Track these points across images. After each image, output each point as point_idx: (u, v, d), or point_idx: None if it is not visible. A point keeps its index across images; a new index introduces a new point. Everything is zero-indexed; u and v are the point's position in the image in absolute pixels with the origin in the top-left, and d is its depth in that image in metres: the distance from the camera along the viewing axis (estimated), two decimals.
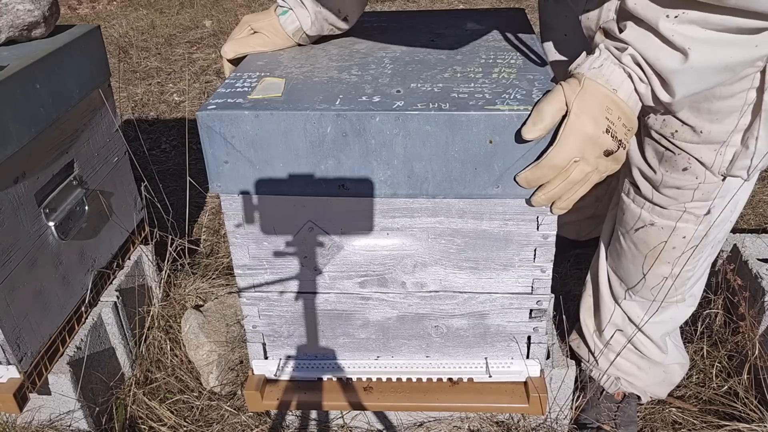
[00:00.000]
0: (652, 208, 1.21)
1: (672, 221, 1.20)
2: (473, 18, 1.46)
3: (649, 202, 1.21)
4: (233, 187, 1.08)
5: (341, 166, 1.04)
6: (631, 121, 0.94)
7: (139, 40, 4.35)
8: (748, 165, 1.08)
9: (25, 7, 1.36)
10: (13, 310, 1.25)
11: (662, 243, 1.23)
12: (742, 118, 1.05)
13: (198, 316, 1.62)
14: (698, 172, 1.12)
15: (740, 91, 1.02)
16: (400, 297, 1.21)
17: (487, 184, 1.04)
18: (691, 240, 1.21)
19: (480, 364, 1.28)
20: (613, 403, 1.45)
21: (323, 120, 0.99)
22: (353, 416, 1.40)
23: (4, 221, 1.22)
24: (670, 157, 1.14)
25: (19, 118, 1.24)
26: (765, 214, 2.21)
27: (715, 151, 1.09)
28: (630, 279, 1.33)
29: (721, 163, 1.10)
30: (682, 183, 1.15)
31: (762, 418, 1.36)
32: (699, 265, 1.26)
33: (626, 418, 1.43)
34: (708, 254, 1.26)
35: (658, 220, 1.21)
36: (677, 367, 1.42)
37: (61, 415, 1.40)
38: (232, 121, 1.01)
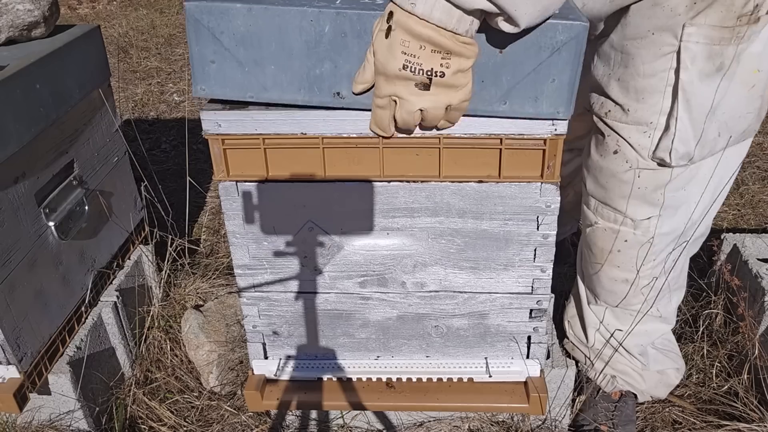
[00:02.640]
0: (596, 208, 1.24)
1: (612, 223, 1.23)
2: None
3: (594, 199, 1.24)
4: (219, 91, 1.00)
5: (338, 70, 0.95)
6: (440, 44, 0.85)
7: (139, 40, 4.35)
8: (669, 147, 1.09)
9: (25, 7, 1.36)
10: (13, 310, 1.25)
11: (608, 245, 1.25)
12: (664, 99, 1.07)
13: (198, 316, 1.62)
14: (628, 156, 1.14)
15: (661, 70, 1.05)
16: (400, 297, 1.21)
17: (494, 99, 0.97)
18: (633, 245, 1.22)
19: (480, 364, 1.28)
20: (611, 403, 1.44)
21: (321, 18, 0.91)
22: (353, 416, 1.40)
23: (4, 221, 1.22)
24: (602, 141, 1.17)
25: (19, 118, 1.24)
26: (765, 214, 2.21)
27: (644, 132, 1.11)
28: (591, 283, 1.35)
29: (649, 146, 1.12)
30: (614, 167, 1.16)
31: (762, 418, 1.36)
32: (654, 274, 1.25)
33: (624, 417, 1.42)
34: (661, 262, 1.25)
35: (601, 221, 1.24)
36: (672, 371, 1.43)
37: (61, 415, 1.40)
38: (222, 14, 0.92)
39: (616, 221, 1.22)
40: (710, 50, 1.02)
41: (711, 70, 1.04)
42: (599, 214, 1.24)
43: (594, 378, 1.44)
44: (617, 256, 1.25)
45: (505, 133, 1.02)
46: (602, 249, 1.27)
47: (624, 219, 1.21)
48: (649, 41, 1.05)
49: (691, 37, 1.01)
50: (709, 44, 1.01)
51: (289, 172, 1.09)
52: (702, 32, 1.01)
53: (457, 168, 1.06)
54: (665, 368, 1.41)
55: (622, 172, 1.16)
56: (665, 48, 1.04)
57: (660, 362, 1.41)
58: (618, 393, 1.45)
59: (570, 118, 1.00)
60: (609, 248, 1.25)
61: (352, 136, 1.04)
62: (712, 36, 1.01)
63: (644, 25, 1.04)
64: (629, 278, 1.27)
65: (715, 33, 1.01)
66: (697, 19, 1.00)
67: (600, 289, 1.33)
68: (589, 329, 1.41)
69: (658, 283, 1.28)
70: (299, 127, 1.04)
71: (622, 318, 1.35)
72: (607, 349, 1.39)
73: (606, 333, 1.38)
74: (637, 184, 1.16)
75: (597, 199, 1.23)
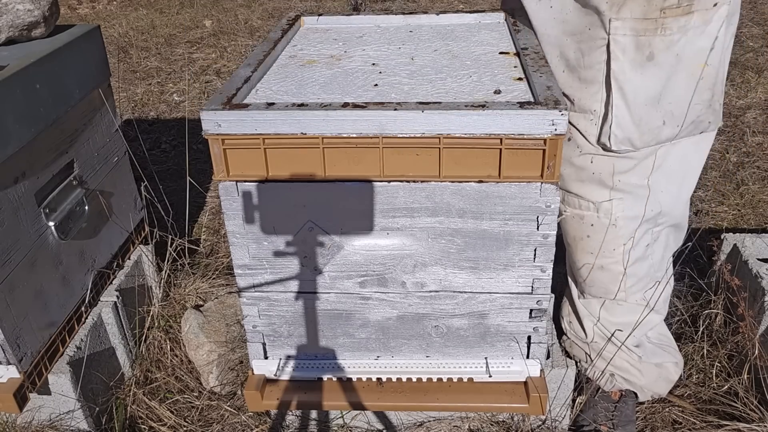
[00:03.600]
0: (563, 197, 1.31)
1: (577, 210, 1.29)
2: None
3: (562, 189, 1.30)
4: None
5: None
6: None
7: (139, 40, 4.35)
8: (609, 132, 1.17)
9: (25, 7, 1.36)
10: (13, 310, 1.25)
11: (578, 232, 1.32)
12: (603, 89, 1.16)
13: (198, 316, 1.62)
14: (579, 142, 1.23)
15: (597, 62, 1.15)
16: (400, 297, 1.21)
17: None
18: (599, 230, 1.28)
19: (480, 364, 1.28)
20: (610, 403, 1.45)
21: None
22: (353, 416, 1.40)
23: (4, 221, 1.22)
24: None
25: (19, 118, 1.24)
26: (765, 214, 2.21)
27: (590, 120, 1.20)
28: (575, 276, 1.40)
29: (595, 133, 1.20)
30: (568, 153, 1.24)
31: (762, 418, 1.36)
32: (627, 260, 1.30)
33: (624, 417, 1.43)
34: (634, 248, 1.30)
35: (569, 209, 1.31)
36: (671, 365, 1.44)
37: (61, 415, 1.40)
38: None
39: (581, 206, 1.29)
40: (637, 41, 1.11)
41: (642, 60, 1.12)
42: (566, 203, 1.31)
43: (594, 377, 1.45)
44: (588, 242, 1.31)
45: (505, 133, 1.02)
46: (574, 237, 1.33)
47: (587, 203, 1.27)
48: (587, 36, 1.15)
49: (618, 30, 1.10)
50: (635, 36, 1.10)
51: (289, 172, 1.09)
52: (627, 25, 1.10)
53: (457, 168, 1.06)
54: (663, 362, 1.43)
55: (575, 157, 1.24)
56: (599, 41, 1.13)
57: (658, 355, 1.43)
58: (618, 393, 1.45)
59: None
60: (580, 235, 1.31)
61: (352, 136, 1.04)
62: (637, 28, 1.10)
63: (581, 22, 1.15)
64: (603, 264, 1.31)
65: (640, 25, 1.09)
66: (622, 12, 1.09)
67: (581, 281, 1.37)
68: (585, 323, 1.42)
69: (637, 271, 1.32)
70: (299, 127, 1.04)
71: (612, 310, 1.37)
72: (603, 343, 1.39)
73: (602, 327, 1.39)
74: (591, 169, 1.24)
75: (562, 188, 1.29)
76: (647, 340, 1.41)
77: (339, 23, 1.52)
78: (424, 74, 1.21)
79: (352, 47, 1.37)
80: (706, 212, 2.22)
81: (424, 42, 1.38)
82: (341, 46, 1.38)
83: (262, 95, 1.14)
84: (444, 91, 1.13)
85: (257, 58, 1.27)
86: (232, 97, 1.09)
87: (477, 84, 1.15)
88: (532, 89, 1.10)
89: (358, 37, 1.44)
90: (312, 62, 1.29)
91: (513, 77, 1.18)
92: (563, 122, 1.00)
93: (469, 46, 1.35)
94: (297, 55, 1.34)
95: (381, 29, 1.49)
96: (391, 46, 1.37)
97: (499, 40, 1.38)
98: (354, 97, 1.11)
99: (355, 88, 1.15)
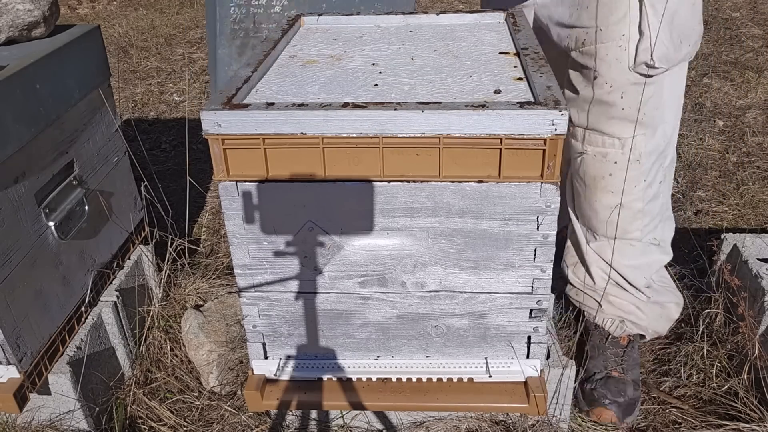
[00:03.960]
0: (584, 137, 1.34)
1: (600, 148, 1.33)
2: None
3: (582, 128, 1.34)
4: None
5: None
6: None
7: (139, 40, 4.35)
8: (649, 49, 1.21)
9: (25, 7, 1.36)
10: (13, 310, 1.25)
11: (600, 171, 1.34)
12: (631, 10, 1.20)
13: (198, 316, 1.62)
14: (610, 76, 1.26)
15: None
16: (400, 297, 1.21)
17: None
18: (623, 167, 1.32)
19: (480, 364, 1.28)
20: (620, 348, 1.48)
21: None
22: (353, 416, 1.40)
23: (4, 221, 1.22)
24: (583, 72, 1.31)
25: (19, 118, 1.24)
26: (765, 214, 2.21)
27: (620, 46, 1.23)
28: (587, 218, 1.41)
29: (627, 59, 1.23)
30: (598, 91, 1.28)
31: (762, 418, 1.36)
32: (646, 197, 1.35)
33: (632, 361, 1.48)
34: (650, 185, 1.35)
35: (590, 148, 1.34)
36: (673, 305, 1.48)
37: (61, 415, 1.40)
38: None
39: (604, 144, 1.32)
40: None
41: None
42: (588, 142, 1.33)
43: (602, 323, 1.46)
44: (610, 180, 1.34)
45: (505, 133, 1.02)
46: (594, 177, 1.35)
47: (612, 140, 1.31)
48: None
49: None
50: None
51: (289, 172, 1.09)
52: None
53: (457, 168, 1.06)
54: (666, 301, 1.49)
55: (606, 95, 1.28)
56: None
57: (662, 295, 1.48)
58: (626, 338, 1.49)
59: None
60: (601, 174, 1.34)
61: (352, 136, 1.04)
62: None
63: None
64: (624, 203, 1.35)
65: None
66: None
67: (597, 222, 1.39)
68: (593, 269, 1.44)
69: (652, 209, 1.37)
70: (299, 127, 1.04)
71: (624, 252, 1.39)
72: (613, 288, 1.41)
73: (614, 271, 1.42)
74: (620, 105, 1.27)
75: (584, 128, 1.33)
76: (653, 282, 1.44)
77: (339, 23, 1.52)
78: (424, 74, 1.21)
79: (352, 47, 1.37)
80: (706, 212, 2.22)
81: (424, 42, 1.39)
82: (341, 46, 1.38)
83: (262, 95, 1.14)
84: (444, 91, 1.13)
85: (257, 58, 1.27)
86: (232, 97, 1.09)
87: (477, 84, 1.15)
88: (532, 89, 1.10)
89: (358, 37, 1.44)
90: (312, 62, 1.29)
91: (513, 77, 1.18)
92: (563, 122, 1.00)
93: (469, 46, 1.35)
94: (297, 55, 1.34)
95: (381, 29, 1.49)
96: (391, 46, 1.37)
97: (499, 40, 1.38)
98: (354, 97, 1.11)
99: (355, 88, 1.15)
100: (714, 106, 2.98)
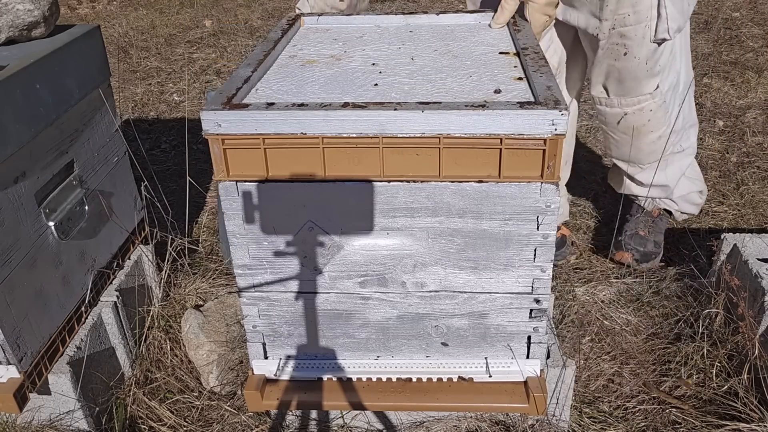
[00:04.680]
0: (620, 102, 1.70)
1: (636, 105, 1.69)
2: None
3: (618, 97, 1.69)
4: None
5: None
6: None
7: (139, 40, 4.35)
8: (666, 27, 1.53)
9: (25, 7, 1.36)
10: (13, 310, 1.25)
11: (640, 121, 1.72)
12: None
13: (198, 316, 1.62)
14: (634, 51, 1.58)
15: None
16: (400, 297, 1.21)
17: None
18: (656, 110, 1.70)
19: (480, 364, 1.28)
20: (650, 218, 1.93)
21: None
22: (353, 416, 1.40)
23: (4, 221, 1.22)
24: (614, 49, 1.60)
25: (19, 118, 1.24)
26: (765, 214, 2.21)
27: (646, 26, 1.54)
28: (633, 157, 1.82)
29: (649, 34, 1.55)
30: (628, 64, 1.60)
31: (762, 418, 1.36)
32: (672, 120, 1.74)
33: (657, 229, 1.91)
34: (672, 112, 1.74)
35: (629, 108, 1.70)
36: (695, 194, 1.93)
37: (61, 415, 1.40)
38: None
39: (639, 102, 1.68)
40: None
41: None
42: (624, 105, 1.70)
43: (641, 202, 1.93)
44: (649, 124, 1.72)
45: (505, 133, 1.02)
46: (637, 127, 1.73)
47: (644, 96, 1.67)
48: None
49: None
50: None
51: (289, 172, 1.09)
52: None
53: (457, 168, 1.06)
54: (690, 191, 1.91)
55: (634, 66, 1.61)
56: None
57: (686, 187, 1.90)
58: (657, 211, 1.94)
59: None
60: (642, 122, 1.72)
61: (352, 136, 1.04)
62: None
63: None
64: (662, 134, 1.74)
65: None
66: None
67: (643, 156, 1.79)
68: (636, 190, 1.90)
69: (677, 126, 1.76)
70: (299, 127, 1.04)
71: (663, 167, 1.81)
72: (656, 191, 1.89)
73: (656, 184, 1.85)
74: (644, 68, 1.61)
75: (619, 95, 1.69)
76: (684, 176, 1.88)
77: (339, 23, 1.52)
78: (424, 74, 1.21)
79: (352, 47, 1.37)
80: (706, 212, 2.22)
81: (424, 42, 1.39)
82: (341, 46, 1.38)
83: (262, 95, 1.14)
84: (444, 91, 1.13)
85: (257, 58, 1.27)
86: (232, 97, 1.09)
87: (477, 84, 1.15)
88: (532, 89, 1.10)
89: (358, 37, 1.44)
90: (312, 62, 1.29)
91: (513, 77, 1.18)
92: (563, 122, 1.00)
93: (469, 46, 1.35)
94: (297, 55, 1.34)
95: (381, 29, 1.49)
96: (391, 46, 1.37)
97: (499, 40, 1.38)
98: (354, 97, 1.11)
99: (355, 88, 1.15)
100: (714, 106, 2.98)
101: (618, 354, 1.63)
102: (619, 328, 1.70)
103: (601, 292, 1.82)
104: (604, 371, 1.58)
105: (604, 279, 1.91)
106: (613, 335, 1.68)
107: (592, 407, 1.50)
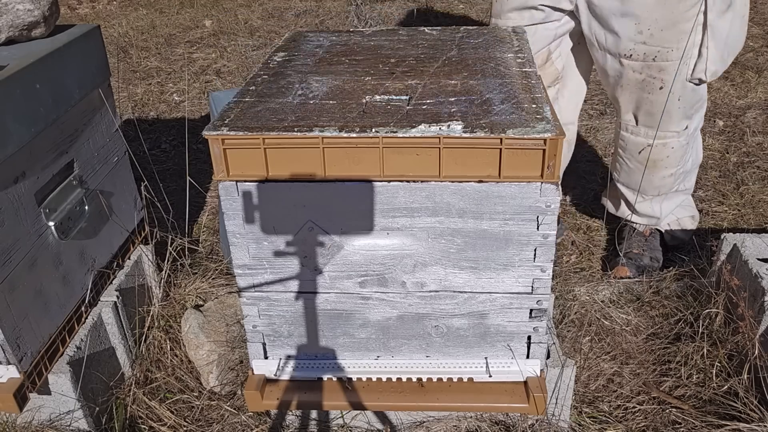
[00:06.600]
0: (646, 133, 1.73)
1: (661, 140, 1.73)
2: None
3: (646, 128, 1.73)
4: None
5: None
6: None
7: (139, 40, 4.35)
8: (704, 68, 1.58)
9: (25, 7, 1.36)
10: (13, 310, 1.25)
11: (661, 155, 1.76)
12: (695, 35, 1.54)
13: (198, 316, 1.62)
14: (670, 87, 1.62)
15: (693, 14, 1.52)
16: (400, 297, 1.21)
17: None
18: (678, 149, 1.75)
19: (480, 363, 1.28)
20: (642, 237, 1.97)
21: None
22: (353, 416, 1.40)
23: (4, 221, 1.22)
24: (649, 82, 1.64)
25: (19, 118, 1.24)
26: (765, 214, 2.21)
27: (685, 64, 1.59)
28: (641, 187, 1.84)
29: (686, 72, 1.61)
30: (662, 98, 1.63)
31: (762, 418, 1.36)
32: (687, 160, 1.81)
33: (651, 246, 1.95)
34: (688, 152, 1.79)
35: (655, 141, 1.73)
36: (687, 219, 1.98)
37: (61, 415, 1.40)
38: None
39: (665, 137, 1.72)
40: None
41: (724, 8, 1.54)
42: (650, 136, 1.72)
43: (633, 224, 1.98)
44: (667, 160, 1.77)
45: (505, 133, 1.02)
46: (655, 160, 1.77)
47: (672, 133, 1.71)
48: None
49: None
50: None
51: (289, 172, 1.09)
52: None
53: (457, 168, 1.06)
54: (682, 217, 1.96)
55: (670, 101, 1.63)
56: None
57: (679, 213, 1.95)
58: (648, 230, 1.97)
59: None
60: (662, 157, 1.76)
61: (352, 136, 1.04)
62: None
63: None
64: (675, 172, 1.80)
65: None
66: None
67: (651, 188, 1.84)
68: (637, 220, 1.95)
69: (686, 166, 1.82)
70: None
71: (660, 200, 1.88)
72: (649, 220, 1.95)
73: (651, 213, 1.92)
74: (677, 105, 1.65)
75: (647, 126, 1.72)
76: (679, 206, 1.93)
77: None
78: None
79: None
80: (706, 212, 2.22)
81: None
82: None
83: None
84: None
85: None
86: None
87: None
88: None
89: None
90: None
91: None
92: None
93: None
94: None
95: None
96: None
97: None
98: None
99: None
100: (714, 106, 2.98)
101: (618, 354, 1.63)
102: (619, 328, 1.70)
103: (601, 292, 1.82)
104: (603, 371, 1.58)
105: (604, 279, 1.91)
106: (613, 335, 1.68)
107: (591, 407, 1.50)
